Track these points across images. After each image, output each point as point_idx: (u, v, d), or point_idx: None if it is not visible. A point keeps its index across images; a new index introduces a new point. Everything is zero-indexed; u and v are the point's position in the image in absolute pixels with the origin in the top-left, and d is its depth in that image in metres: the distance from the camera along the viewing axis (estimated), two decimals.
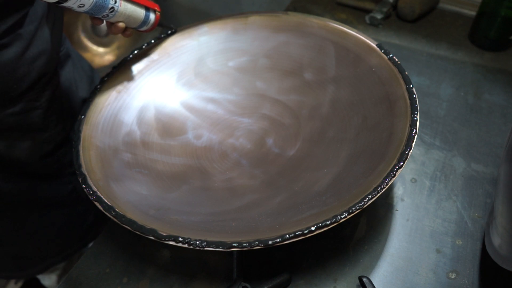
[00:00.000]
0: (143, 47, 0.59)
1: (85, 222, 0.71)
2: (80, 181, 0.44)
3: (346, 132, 0.51)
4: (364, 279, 0.43)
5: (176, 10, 0.52)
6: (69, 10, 0.43)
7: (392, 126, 0.46)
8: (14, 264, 0.68)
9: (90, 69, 0.72)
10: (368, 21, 0.78)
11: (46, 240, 0.67)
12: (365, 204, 0.38)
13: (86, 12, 0.44)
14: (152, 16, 0.53)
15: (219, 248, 0.37)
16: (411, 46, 0.73)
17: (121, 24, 0.49)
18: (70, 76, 0.62)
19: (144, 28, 0.54)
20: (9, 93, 0.49)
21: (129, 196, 0.45)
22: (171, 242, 0.38)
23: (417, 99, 0.46)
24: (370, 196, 0.39)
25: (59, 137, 0.58)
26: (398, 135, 0.44)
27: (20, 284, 1.02)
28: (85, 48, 1.25)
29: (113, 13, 0.46)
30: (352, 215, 0.38)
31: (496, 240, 0.40)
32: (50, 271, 0.82)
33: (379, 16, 0.76)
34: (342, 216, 0.38)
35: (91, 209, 0.70)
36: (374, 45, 0.53)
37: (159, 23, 0.55)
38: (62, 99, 0.58)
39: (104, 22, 0.49)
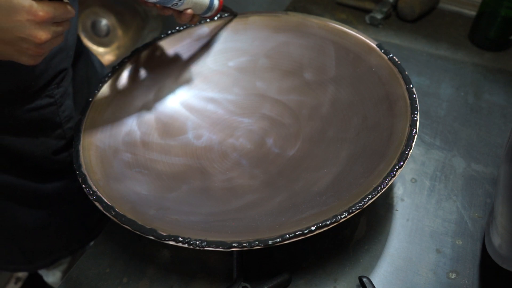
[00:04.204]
0: (143, 47, 0.59)
1: (92, 218, 0.72)
2: (80, 181, 0.44)
3: (346, 132, 0.51)
4: (364, 279, 0.43)
5: None
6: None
7: (392, 126, 0.46)
8: (22, 257, 0.69)
9: (101, 65, 0.73)
10: (368, 21, 0.78)
11: (54, 235, 0.68)
12: (365, 204, 0.38)
13: (156, 3, 0.46)
14: (216, 2, 0.54)
15: (219, 248, 0.37)
16: (411, 46, 0.73)
17: (190, 11, 0.50)
18: (83, 73, 0.63)
19: (209, 14, 0.55)
20: (27, 89, 0.50)
21: (129, 196, 0.45)
22: (171, 242, 0.38)
23: (417, 99, 0.46)
24: (370, 196, 0.39)
25: (71, 133, 0.59)
26: (398, 135, 0.44)
27: (20, 284, 1.03)
28: None
29: (181, 1, 0.47)
30: (352, 215, 0.38)
31: (496, 240, 0.40)
32: (55, 267, 0.83)
33: (379, 16, 0.76)
34: (342, 216, 0.38)
35: None
36: (374, 45, 0.53)
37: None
38: (74, 95, 0.59)
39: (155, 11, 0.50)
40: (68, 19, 0.38)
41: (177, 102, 0.59)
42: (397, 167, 0.40)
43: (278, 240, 0.37)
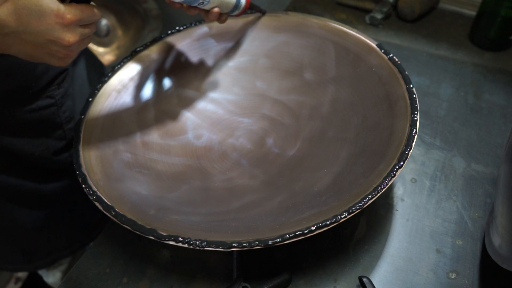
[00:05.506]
0: (143, 47, 0.59)
1: (92, 218, 0.72)
2: (80, 181, 0.44)
3: (346, 132, 0.51)
4: (364, 279, 0.43)
5: (177, 10, 0.52)
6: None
7: (392, 126, 0.46)
8: (22, 257, 0.69)
9: (101, 65, 0.73)
10: (368, 21, 0.78)
11: (54, 235, 0.68)
12: (365, 204, 0.38)
13: (183, 2, 0.45)
14: (243, 0, 0.53)
15: (219, 248, 0.37)
16: (411, 46, 0.73)
17: (216, 9, 0.50)
18: (83, 73, 0.63)
19: (236, 12, 0.54)
20: (28, 90, 0.51)
21: (129, 196, 0.45)
22: (171, 242, 0.38)
23: (417, 99, 0.46)
24: (370, 196, 0.39)
25: (71, 133, 0.59)
26: (398, 135, 0.44)
27: (20, 284, 1.02)
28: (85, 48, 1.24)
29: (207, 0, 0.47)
30: (352, 215, 0.38)
31: (496, 240, 0.40)
32: (55, 267, 0.83)
33: (379, 16, 0.76)
34: (342, 216, 0.38)
35: None
36: (374, 45, 0.53)
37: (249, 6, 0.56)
38: (75, 96, 0.59)
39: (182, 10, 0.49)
40: (94, 22, 0.39)
41: (177, 102, 0.59)
42: (397, 167, 0.40)
43: (278, 240, 0.37)
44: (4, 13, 0.34)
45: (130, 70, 0.58)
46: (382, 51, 0.52)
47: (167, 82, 0.59)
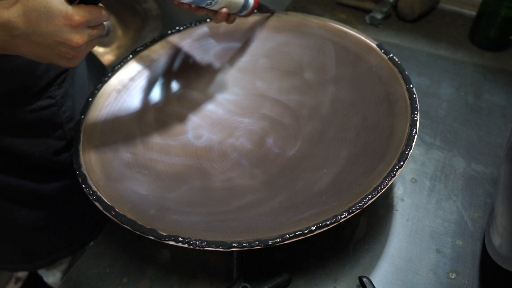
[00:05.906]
0: (143, 47, 0.59)
1: (92, 218, 0.72)
2: (80, 181, 0.44)
3: (346, 132, 0.51)
4: (364, 279, 0.43)
5: (177, 10, 0.52)
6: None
7: (392, 126, 0.46)
8: (22, 257, 0.69)
9: (101, 65, 0.73)
10: (368, 21, 0.78)
11: (54, 235, 0.68)
12: (365, 204, 0.38)
13: (191, 3, 0.46)
14: (251, 0, 0.53)
15: (219, 248, 0.37)
16: (411, 46, 0.73)
17: (225, 10, 0.50)
18: (83, 73, 0.63)
19: (244, 12, 0.54)
20: (28, 90, 0.51)
21: (129, 196, 0.45)
22: (171, 242, 0.38)
23: (417, 99, 0.46)
24: (370, 196, 0.39)
25: (72, 133, 0.59)
26: (398, 135, 0.44)
27: (20, 284, 1.03)
28: None
29: (215, 0, 0.47)
30: (352, 215, 0.38)
31: (496, 240, 0.40)
32: (55, 267, 0.83)
33: (379, 16, 0.76)
34: (342, 216, 0.38)
35: None
36: (374, 45, 0.53)
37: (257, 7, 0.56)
38: (75, 96, 0.59)
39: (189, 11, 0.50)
40: (102, 23, 0.40)
41: (177, 101, 0.59)
42: (397, 167, 0.40)
43: (278, 240, 0.37)
44: (13, 15, 0.34)
45: (130, 70, 0.58)
46: (382, 51, 0.52)
47: (167, 82, 0.59)
